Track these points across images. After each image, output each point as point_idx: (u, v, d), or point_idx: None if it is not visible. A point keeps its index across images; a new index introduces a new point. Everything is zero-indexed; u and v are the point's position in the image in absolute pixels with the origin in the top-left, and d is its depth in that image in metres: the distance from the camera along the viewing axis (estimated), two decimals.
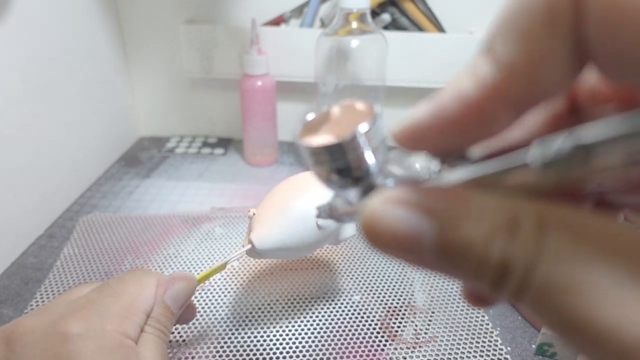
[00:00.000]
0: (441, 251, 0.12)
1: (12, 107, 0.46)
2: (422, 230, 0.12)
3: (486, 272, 0.11)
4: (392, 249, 0.13)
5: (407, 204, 0.12)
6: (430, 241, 0.12)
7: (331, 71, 0.57)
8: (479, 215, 0.11)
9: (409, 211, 0.12)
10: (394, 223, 0.12)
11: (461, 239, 0.11)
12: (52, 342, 0.23)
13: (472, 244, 0.11)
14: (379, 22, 0.64)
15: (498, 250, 0.11)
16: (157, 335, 0.27)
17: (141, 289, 0.27)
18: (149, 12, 0.66)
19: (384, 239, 0.12)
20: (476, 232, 0.11)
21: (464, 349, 0.37)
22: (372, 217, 0.13)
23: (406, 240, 0.12)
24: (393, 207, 0.12)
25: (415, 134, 0.13)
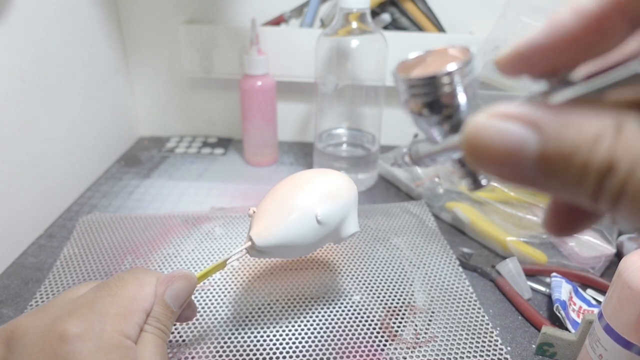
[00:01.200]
0: (544, 161, 0.12)
1: (12, 107, 0.46)
2: (526, 140, 0.12)
3: (588, 177, 0.11)
4: (494, 162, 0.13)
5: (512, 117, 0.13)
6: (534, 151, 0.12)
7: (331, 71, 0.57)
8: (584, 122, 0.12)
9: (513, 123, 0.12)
10: (499, 134, 0.12)
11: (565, 144, 0.12)
12: (51, 342, 0.23)
13: (576, 149, 0.11)
14: (379, 22, 0.64)
15: (603, 152, 0.11)
16: (157, 335, 0.27)
17: (140, 288, 0.27)
18: (149, 12, 0.66)
19: (488, 151, 0.13)
20: (581, 135, 0.11)
21: (464, 349, 0.37)
22: (476, 130, 0.13)
23: (510, 151, 0.12)
24: (499, 119, 0.13)
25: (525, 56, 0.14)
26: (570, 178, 0.12)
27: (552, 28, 0.13)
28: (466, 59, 0.16)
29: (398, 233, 0.51)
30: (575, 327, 0.38)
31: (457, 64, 0.15)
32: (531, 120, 0.12)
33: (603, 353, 0.31)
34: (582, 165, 0.11)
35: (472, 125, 0.13)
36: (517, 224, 0.49)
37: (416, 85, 0.16)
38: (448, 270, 0.46)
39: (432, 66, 0.17)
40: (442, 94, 0.16)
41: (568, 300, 0.40)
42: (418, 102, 0.16)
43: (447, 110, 0.16)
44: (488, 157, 0.13)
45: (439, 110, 0.16)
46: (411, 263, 0.47)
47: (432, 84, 0.16)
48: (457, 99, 0.16)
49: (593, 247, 0.46)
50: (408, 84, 0.16)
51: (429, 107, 0.16)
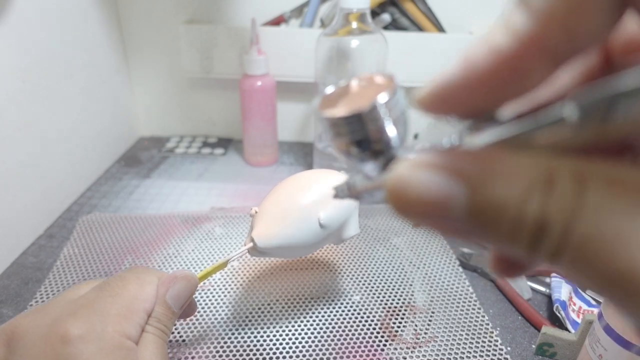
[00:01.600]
0: (473, 214, 0.11)
1: (12, 107, 0.46)
2: (452, 193, 0.11)
3: (522, 233, 0.11)
4: (421, 215, 0.12)
5: (435, 168, 0.12)
6: (462, 204, 0.11)
7: (331, 71, 0.57)
8: (513, 174, 0.11)
9: (438, 174, 0.12)
10: (423, 187, 0.12)
11: (494, 199, 0.11)
12: (52, 343, 0.23)
13: (506, 204, 0.11)
14: (379, 22, 0.64)
15: (534, 208, 0.11)
16: (158, 336, 0.27)
17: (142, 288, 0.27)
18: (149, 12, 0.66)
19: (413, 205, 0.12)
20: (510, 191, 0.11)
21: (464, 349, 0.37)
22: (399, 183, 0.12)
23: (436, 205, 0.12)
24: (421, 171, 0.12)
25: (443, 96, 0.13)
26: (503, 233, 0.11)
27: (467, 67, 0.12)
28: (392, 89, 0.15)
29: (398, 233, 0.51)
30: (575, 327, 0.38)
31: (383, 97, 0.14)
32: (457, 171, 0.12)
33: (603, 353, 0.31)
34: (514, 221, 0.11)
35: (394, 177, 0.12)
36: None
37: (340, 125, 0.15)
38: (448, 270, 0.46)
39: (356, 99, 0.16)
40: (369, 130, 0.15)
41: (568, 300, 0.40)
42: (344, 141, 0.15)
43: (376, 146, 0.15)
44: (414, 211, 0.12)
45: (368, 147, 0.15)
46: (411, 263, 0.47)
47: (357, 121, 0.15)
48: (386, 134, 0.15)
49: None
50: (331, 123, 0.15)
51: (356, 145, 0.15)
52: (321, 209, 0.34)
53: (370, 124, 0.14)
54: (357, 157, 0.15)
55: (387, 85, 0.15)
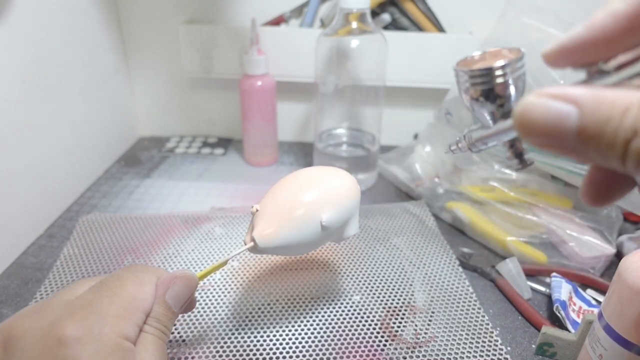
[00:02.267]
0: (582, 131, 0.14)
1: (12, 107, 0.46)
2: (568, 114, 0.15)
3: (618, 141, 0.14)
4: (542, 134, 0.15)
5: (557, 96, 0.15)
6: (575, 123, 0.15)
7: (331, 71, 0.57)
8: (615, 99, 0.14)
9: (557, 100, 0.15)
10: (545, 110, 0.15)
11: (601, 116, 0.14)
12: (50, 345, 0.23)
13: (609, 119, 0.14)
14: (379, 22, 0.64)
15: (630, 119, 0.14)
16: (158, 336, 0.27)
17: (140, 288, 0.27)
18: (149, 12, 0.66)
19: (536, 124, 0.15)
20: (613, 109, 0.14)
21: (464, 349, 0.37)
22: (527, 107, 0.16)
23: (555, 123, 0.15)
24: (546, 98, 0.15)
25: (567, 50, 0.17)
26: (603, 144, 0.14)
27: (592, 27, 0.16)
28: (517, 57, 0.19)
29: (398, 233, 0.51)
30: (575, 327, 0.38)
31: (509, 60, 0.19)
32: (573, 98, 0.15)
33: (603, 353, 0.31)
34: (613, 132, 0.14)
35: (523, 103, 0.16)
36: (517, 224, 0.49)
37: (476, 76, 0.20)
38: (448, 270, 0.46)
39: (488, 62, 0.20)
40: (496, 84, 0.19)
41: (568, 300, 0.40)
42: (477, 90, 0.20)
43: (499, 100, 0.20)
44: (536, 129, 0.15)
45: (494, 98, 0.20)
46: (411, 263, 0.47)
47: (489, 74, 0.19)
48: (509, 90, 0.19)
49: (593, 247, 0.46)
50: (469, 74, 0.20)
51: (485, 95, 0.20)
52: (323, 210, 0.33)
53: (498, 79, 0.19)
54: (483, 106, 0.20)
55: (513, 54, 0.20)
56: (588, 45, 0.17)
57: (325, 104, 0.60)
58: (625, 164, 0.14)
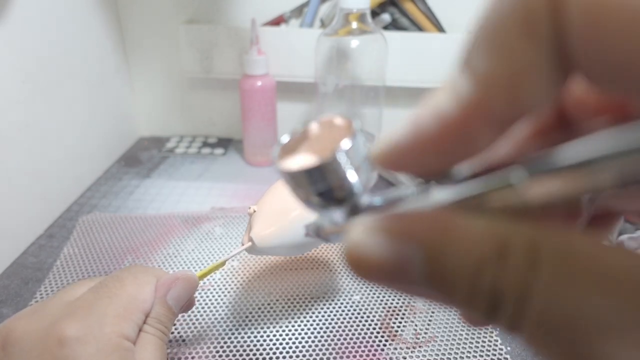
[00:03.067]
0: (430, 280, 0.11)
1: (12, 107, 0.46)
2: (409, 259, 0.11)
3: (478, 302, 0.11)
4: (379, 279, 0.12)
5: (389, 233, 0.12)
6: (419, 269, 0.11)
7: (331, 71, 0.57)
8: (466, 243, 0.11)
9: (392, 240, 0.12)
10: (378, 253, 0.12)
11: (449, 268, 0.11)
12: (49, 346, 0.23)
13: (461, 274, 0.11)
14: (379, 22, 0.64)
15: (488, 280, 0.10)
16: (158, 337, 0.27)
17: (140, 288, 0.27)
18: (149, 12, 0.66)
19: (370, 270, 0.12)
20: (464, 261, 0.11)
21: (464, 349, 0.37)
22: (354, 249, 0.12)
23: (393, 270, 0.12)
24: (375, 236, 0.12)
25: (395, 155, 0.13)
26: (460, 300, 0.11)
27: (414, 130, 0.12)
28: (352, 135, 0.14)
29: None
30: None
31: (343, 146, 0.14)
32: (411, 237, 0.11)
33: None
34: (469, 290, 0.11)
35: (350, 242, 0.12)
36: None
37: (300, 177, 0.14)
38: None
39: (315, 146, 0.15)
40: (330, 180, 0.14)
41: None
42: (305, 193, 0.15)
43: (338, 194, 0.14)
44: (373, 276, 0.12)
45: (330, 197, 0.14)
46: None
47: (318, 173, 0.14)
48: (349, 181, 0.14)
49: None
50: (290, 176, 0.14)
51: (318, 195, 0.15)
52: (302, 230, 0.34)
53: (332, 175, 0.14)
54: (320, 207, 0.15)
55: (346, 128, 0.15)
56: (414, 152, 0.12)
57: (325, 104, 0.60)
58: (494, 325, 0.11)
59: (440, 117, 0.11)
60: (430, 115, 0.12)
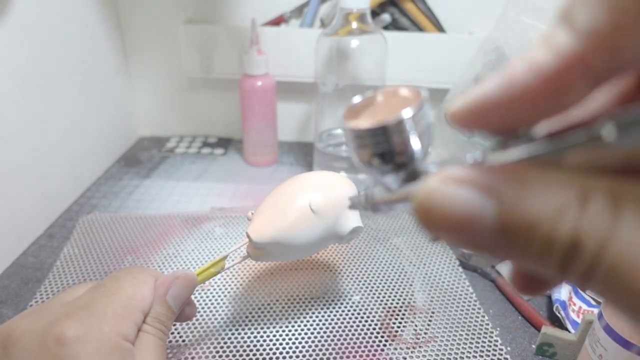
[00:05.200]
0: (503, 231, 0.11)
1: (12, 107, 0.46)
2: (482, 209, 0.11)
3: (552, 252, 0.11)
4: (449, 231, 0.12)
5: (467, 183, 0.12)
6: (491, 221, 0.11)
7: (331, 71, 0.57)
8: (545, 192, 0.11)
9: (468, 190, 0.12)
10: (453, 202, 0.12)
11: (526, 216, 0.11)
12: (48, 345, 0.23)
13: (538, 222, 0.11)
14: (379, 22, 0.64)
15: (567, 227, 0.10)
16: (158, 336, 0.27)
17: (138, 288, 0.27)
18: (149, 13, 0.66)
19: (442, 220, 0.12)
20: (543, 208, 0.11)
21: (464, 349, 0.37)
22: (429, 198, 0.12)
23: (465, 221, 0.12)
24: (451, 186, 0.12)
25: (478, 111, 0.13)
26: (532, 251, 0.11)
27: (506, 84, 0.12)
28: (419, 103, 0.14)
29: (398, 233, 0.51)
30: (575, 327, 0.38)
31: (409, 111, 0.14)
32: (487, 187, 0.11)
33: (603, 353, 0.31)
34: (545, 239, 0.11)
35: (424, 191, 0.12)
36: None
37: (364, 136, 0.15)
38: (448, 270, 0.46)
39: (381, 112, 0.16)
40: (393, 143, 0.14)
41: (568, 300, 0.40)
42: (367, 153, 0.15)
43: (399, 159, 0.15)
44: (442, 225, 0.12)
45: (391, 160, 0.15)
46: (411, 263, 0.47)
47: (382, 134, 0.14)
48: (411, 147, 0.14)
49: None
50: (355, 134, 0.15)
51: (379, 157, 0.15)
52: (312, 197, 0.33)
53: (395, 137, 0.14)
54: (379, 170, 0.15)
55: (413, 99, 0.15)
56: (502, 106, 0.12)
57: (325, 104, 0.60)
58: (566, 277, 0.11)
59: (537, 71, 0.11)
60: (526, 70, 0.12)
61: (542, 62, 0.11)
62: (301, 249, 0.35)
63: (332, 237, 0.35)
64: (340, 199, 0.35)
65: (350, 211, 0.35)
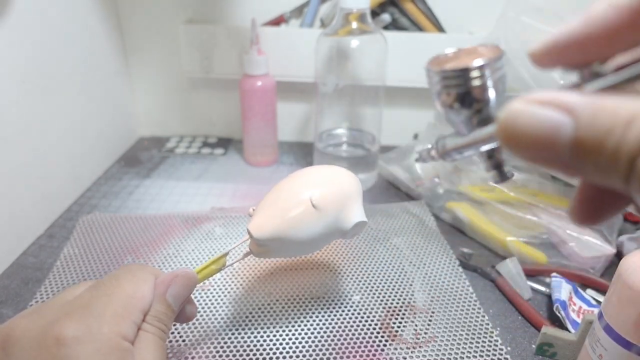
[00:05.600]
0: (578, 144, 0.12)
1: (12, 107, 0.46)
2: (561, 124, 0.13)
3: (621, 157, 0.12)
4: (530, 147, 0.13)
5: (548, 103, 0.13)
6: (568, 135, 0.13)
7: (331, 71, 0.57)
8: (616, 107, 0.12)
9: (548, 108, 0.13)
10: (535, 120, 0.13)
11: (600, 128, 0.12)
12: (48, 345, 0.23)
13: (610, 131, 0.12)
14: (379, 22, 0.64)
15: (636, 133, 0.11)
16: (158, 335, 0.27)
17: (137, 286, 0.27)
18: (149, 13, 0.66)
19: (524, 136, 0.13)
20: (614, 119, 0.12)
21: (464, 349, 0.37)
22: (512, 116, 0.13)
23: (545, 135, 0.13)
24: (535, 105, 0.13)
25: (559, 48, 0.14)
26: (603, 160, 0.12)
27: (590, 20, 0.14)
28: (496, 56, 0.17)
29: (398, 233, 0.51)
30: (575, 327, 0.38)
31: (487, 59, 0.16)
32: (566, 106, 0.13)
33: (603, 353, 0.31)
34: (615, 147, 0.12)
35: (509, 111, 0.14)
36: (517, 224, 0.49)
37: (449, 77, 0.17)
38: (448, 270, 0.46)
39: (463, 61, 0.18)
40: (473, 86, 0.17)
41: (568, 300, 0.40)
42: (450, 94, 0.17)
43: (477, 104, 0.17)
44: (524, 142, 0.13)
45: (470, 103, 0.17)
46: (411, 263, 0.47)
47: (464, 76, 0.17)
48: (487, 93, 0.17)
49: (593, 247, 0.46)
50: (441, 75, 0.17)
51: (460, 99, 0.17)
52: (313, 192, 0.33)
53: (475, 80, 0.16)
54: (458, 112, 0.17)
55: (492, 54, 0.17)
56: (585, 41, 0.14)
57: (325, 104, 0.60)
58: (629, 183, 0.12)
59: (618, 7, 0.13)
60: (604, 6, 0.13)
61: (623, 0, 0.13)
62: (304, 245, 0.34)
63: (335, 232, 0.34)
64: (343, 192, 0.34)
65: (351, 205, 0.34)
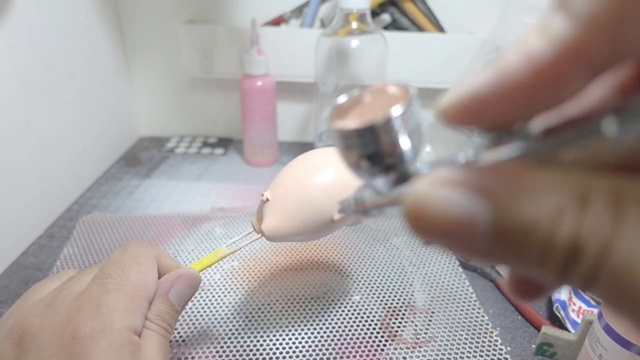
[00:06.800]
0: (499, 235, 0.11)
1: (12, 107, 0.46)
2: (477, 212, 0.11)
3: (552, 256, 0.10)
4: (442, 236, 0.11)
5: (458, 185, 0.11)
6: (486, 225, 0.11)
7: (331, 71, 0.57)
8: (543, 192, 0.10)
9: (461, 192, 0.11)
10: (444, 207, 0.11)
11: (522, 220, 0.10)
12: (65, 342, 0.24)
13: (536, 224, 0.10)
14: (379, 22, 0.64)
15: (567, 230, 0.10)
16: (162, 335, 0.27)
17: (143, 277, 0.27)
18: (149, 13, 0.66)
19: (433, 225, 0.11)
20: (540, 209, 0.10)
21: (464, 349, 0.37)
22: (419, 201, 0.11)
23: (458, 225, 0.11)
24: (443, 188, 0.11)
25: (471, 107, 0.12)
26: (530, 256, 0.10)
27: (501, 76, 0.11)
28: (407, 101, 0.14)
29: (398, 233, 0.51)
30: (575, 327, 0.38)
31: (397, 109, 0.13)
32: (480, 189, 0.11)
33: (603, 353, 0.31)
34: (544, 244, 0.10)
35: (414, 195, 0.12)
36: None
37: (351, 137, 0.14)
38: (448, 270, 0.46)
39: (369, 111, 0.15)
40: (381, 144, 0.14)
41: (568, 300, 0.40)
42: (355, 155, 0.14)
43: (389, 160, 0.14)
44: (433, 230, 0.11)
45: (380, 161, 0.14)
46: (411, 263, 0.47)
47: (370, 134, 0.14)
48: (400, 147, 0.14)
49: None
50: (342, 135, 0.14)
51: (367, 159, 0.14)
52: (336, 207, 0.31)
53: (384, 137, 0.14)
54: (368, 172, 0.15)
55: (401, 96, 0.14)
56: (496, 100, 0.11)
57: (325, 104, 0.60)
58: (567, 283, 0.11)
59: (532, 61, 0.11)
60: (520, 60, 0.11)
61: (537, 51, 0.11)
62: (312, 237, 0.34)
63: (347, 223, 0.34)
64: None
65: None
